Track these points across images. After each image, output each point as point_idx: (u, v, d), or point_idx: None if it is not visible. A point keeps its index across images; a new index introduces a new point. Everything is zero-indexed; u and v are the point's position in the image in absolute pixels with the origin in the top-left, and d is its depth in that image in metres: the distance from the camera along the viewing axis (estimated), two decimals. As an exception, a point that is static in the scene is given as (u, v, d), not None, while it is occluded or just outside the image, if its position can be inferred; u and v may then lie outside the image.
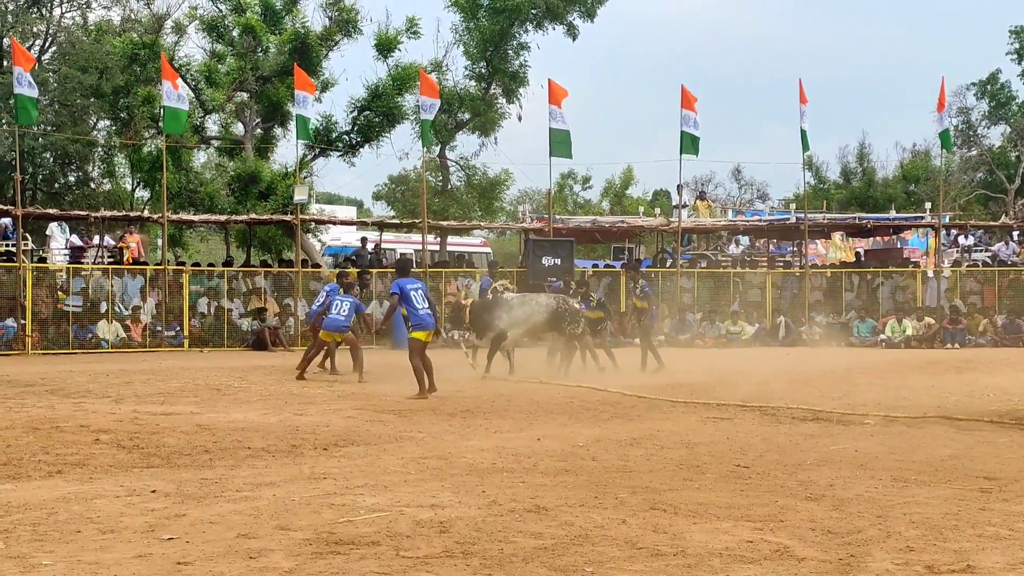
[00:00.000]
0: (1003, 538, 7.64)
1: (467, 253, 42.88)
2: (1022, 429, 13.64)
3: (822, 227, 42.57)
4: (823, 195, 62.53)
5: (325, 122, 40.67)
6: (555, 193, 50.84)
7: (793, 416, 15.05)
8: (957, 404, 16.33)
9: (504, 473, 10.26)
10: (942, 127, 37.45)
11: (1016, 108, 59.12)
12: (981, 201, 59.38)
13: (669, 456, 11.39)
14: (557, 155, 34.46)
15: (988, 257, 41.02)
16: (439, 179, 41.60)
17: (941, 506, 8.73)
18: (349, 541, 7.44)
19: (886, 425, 14.11)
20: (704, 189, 61.69)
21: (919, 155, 66.78)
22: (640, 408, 16.15)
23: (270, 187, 38.35)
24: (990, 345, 32.35)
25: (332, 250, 43.43)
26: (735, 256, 43.36)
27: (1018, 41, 57.24)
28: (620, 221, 42.10)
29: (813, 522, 8.13)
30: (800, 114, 35.23)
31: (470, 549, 7.26)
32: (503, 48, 40.52)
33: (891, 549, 7.34)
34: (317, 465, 10.68)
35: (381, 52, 40.86)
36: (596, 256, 50.90)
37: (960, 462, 11.05)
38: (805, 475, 10.23)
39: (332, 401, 16.88)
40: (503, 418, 14.78)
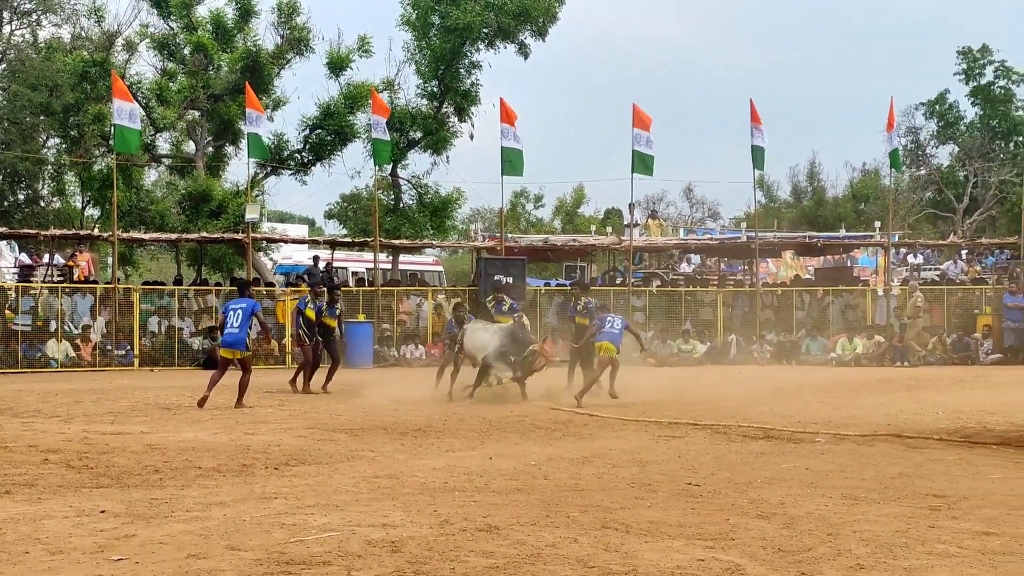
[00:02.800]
0: (952, 555, 7.69)
1: (419, 272, 42.85)
2: (971, 447, 13.73)
3: (773, 246, 42.85)
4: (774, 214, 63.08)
5: (277, 140, 40.52)
6: (507, 212, 50.95)
7: (744, 434, 15.09)
8: (907, 422, 16.43)
9: (456, 492, 10.24)
10: (891, 147, 37.83)
11: (964, 128, 59.71)
12: (930, 220, 59.89)
13: (621, 474, 11.40)
14: (509, 174, 34.55)
15: (937, 275, 41.39)
16: (391, 198, 41.52)
17: (891, 524, 8.77)
18: (300, 561, 7.39)
19: (836, 443, 14.17)
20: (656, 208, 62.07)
21: (869, 174, 67.40)
22: (592, 426, 16.16)
23: (221, 205, 38.18)
24: (939, 363, 32.59)
25: (284, 268, 43.28)
26: (687, 274, 43.56)
27: (966, 62, 57.85)
28: (572, 240, 42.25)
29: (764, 540, 8.16)
30: (751, 133, 35.46)
31: (421, 569, 7.24)
32: (455, 67, 40.52)
33: (841, 567, 7.37)
34: (268, 485, 10.61)
35: (333, 71, 40.79)
36: (548, 275, 50.99)
37: (910, 480, 11.11)
38: (756, 493, 10.26)
39: (284, 420, 16.80)
40: (455, 437, 14.75)
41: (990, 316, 34.25)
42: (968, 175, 58.94)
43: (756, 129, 35.58)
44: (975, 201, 58.20)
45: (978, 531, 8.49)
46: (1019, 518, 9.02)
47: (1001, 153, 58.22)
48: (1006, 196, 55.79)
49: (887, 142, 37.86)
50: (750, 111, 35.59)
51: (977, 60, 57.82)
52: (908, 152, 58.59)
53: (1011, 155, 56.27)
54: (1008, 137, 57.71)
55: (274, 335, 32.18)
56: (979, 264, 42.88)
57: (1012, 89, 57.41)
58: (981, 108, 58.46)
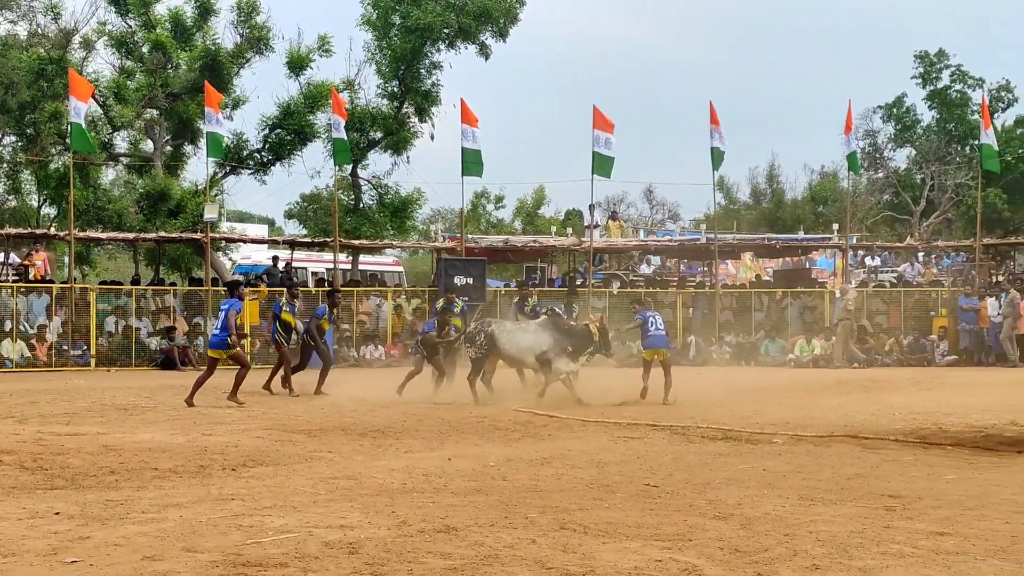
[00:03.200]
0: (907, 555, 7.74)
1: (379, 272, 42.76)
2: (926, 448, 13.83)
3: (732, 247, 42.98)
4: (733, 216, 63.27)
5: (236, 140, 40.32)
6: (468, 212, 50.90)
7: (703, 435, 15.14)
8: (863, 423, 16.53)
9: (414, 493, 10.23)
10: (849, 150, 38.01)
11: (921, 131, 60.09)
12: (887, 223, 60.24)
13: (579, 475, 11.41)
14: (469, 174, 34.52)
15: (894, 277, 41.64)
16: (351, 198, 41.38)
17: (847, 524, 8.82)
18: (257, 563, 7.37)
19: (794, 444, 14.24)
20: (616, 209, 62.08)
21: (827, 177, 67.71)
22: (551, 427, 16.18)
23: (180, 205, 37.95)
24: (896, 364, 32.78)
25: (243, 268, 43.06)
26: (646, 276, 43.64)
27: (923, 66, 58.21)
28: (532, 241, 42.23)
29: (721, 541, 8.19)
30: (711, 135, 35.58)
31: (379, 570, 7.23)
32: (415, 67, 40.42)
33: (798, 567, 7.41)
34: (225, 486, 10.57)
35: (293, 70, 40.59)
36: (508, 276, 50.96)
37: (866, 480, 11.18)
38: (714, 494, 10.30)
39: (241, 421, 16.74)
40: (414, 438, 14.74)
41: (946, 318, 34.47)
42: (925, 178, 59.31)
43: (716, 131, 35.69)
44: (932, 204, 58.58)
45: (932, 531, 8.55)
46: (973, 518, 9.09)
47: (957, 157, 58.61)
48: (962, 199, 56.19)
49: (845, 145, 38.05)
50: (710, 113, 35.70)
51: (934, 64, 58.19)
52: (866, 155, 58.92)
53: (967, 159, 56.64)
54: (964, 141, 58.08)
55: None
56: (936, 266, 43.19)
57: (968, 93, 57.83)
58: (938, 112, 58.85)
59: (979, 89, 56.47)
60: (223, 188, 41.90)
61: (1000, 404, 19.30)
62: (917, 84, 58.87)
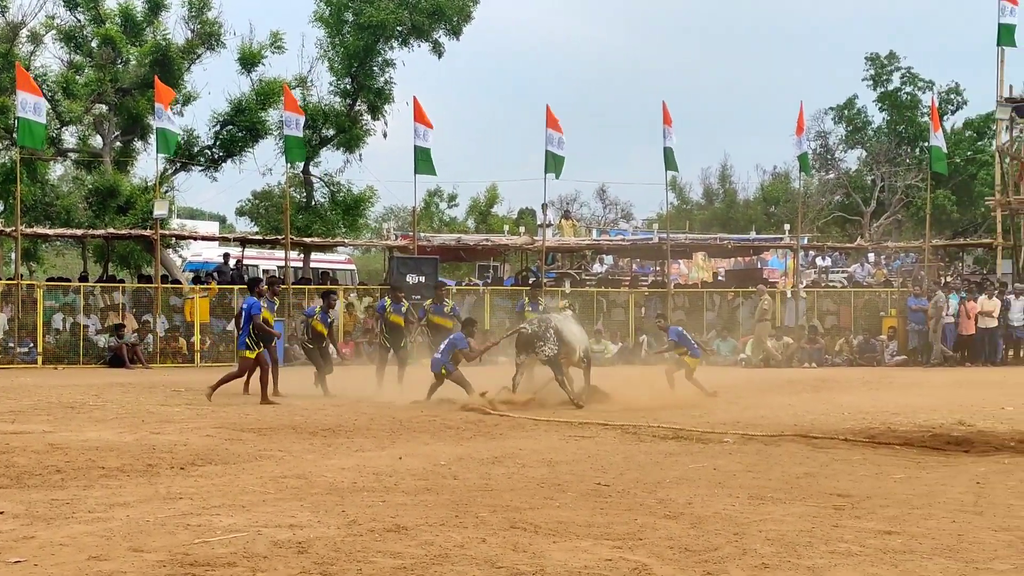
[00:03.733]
0: (855, 554, 7.78)
1: (331, 270, 42.63)
2: (875, 447, 13.90)
3: (684, 247, 43.15)
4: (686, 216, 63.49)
5: (187, 136, 40.08)
6: (420, 210, 50.83)
7: (654, 434, 15.16)
8: (813, 423, 16.60)
9: (364, 492, 10.19)
10: (801, 150, 38.24)
11: (872, 133, 60.59)
12: (838, 223, 60.68)
13: (530, 474, 11.40)
14: (422, 172, 34.49)
15: (844, 278, 41.93)
16: (303, 195, 41.26)
17: (796, 523, 8.85)
18: (205, 563, 7.31)
19: (744, 443, 14.29)
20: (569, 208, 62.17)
21: (779, 177, 68.19)
22: (503, 426, 16.16)
23: (129, 201, 37.70)
24: (845, 364, 32.99)
25: (193, 266, 42.88)
26: (599, 275, 43.73)
27: (874, 67, 58.70)
28: (485, 239, 42.27)
29: (671, 540, 8.19)
30: (664, 135, 35.67)
31: (328, 570, 7.19)
32: (368, 64, 40.33)
33: (747, 566, 7.42)
34: (173, 485, 10.49)
35: (244, 66, 40.42)
36: (461, 274, 50.96)
37: (815, 480, 11.23)
38: (664, 493, 10.31)
39: (190, 420, 16.61)
40: (364, 437, 14.68)
41: (895, 318, 34.74)
42: (875, 179, 59.81)
43: (668, 131, 35.79)
44: (882, 205, 59.07)
45: (880, 530, 8.59)
46: (920, 517, 9.14)
47: (907, 158, 59.13)
48: (912, 200, 56.71)
49: (797, 146, 38.26)
50: (662, 113, 35.80)
51: (884, 66, 58.71)
52: (817, 156, 59.39)
53: (917, 160, 57.15)
54: (914, 142, 58.64)
55: (182, 333, 31.90)
56: (886, 267, 43.51)
57: (918, 95, 58.34)
58: (888, 114, 59.36)
59: (929, 91, 57.01)
60: (173, 185, 41.76)
61: (947, 404, 19.45)
62: (868, 86, 59.47)
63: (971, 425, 15.87)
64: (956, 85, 58.53)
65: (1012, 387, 23.96)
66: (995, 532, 8.59)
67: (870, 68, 58.89)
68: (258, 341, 19.93)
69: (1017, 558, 7.72)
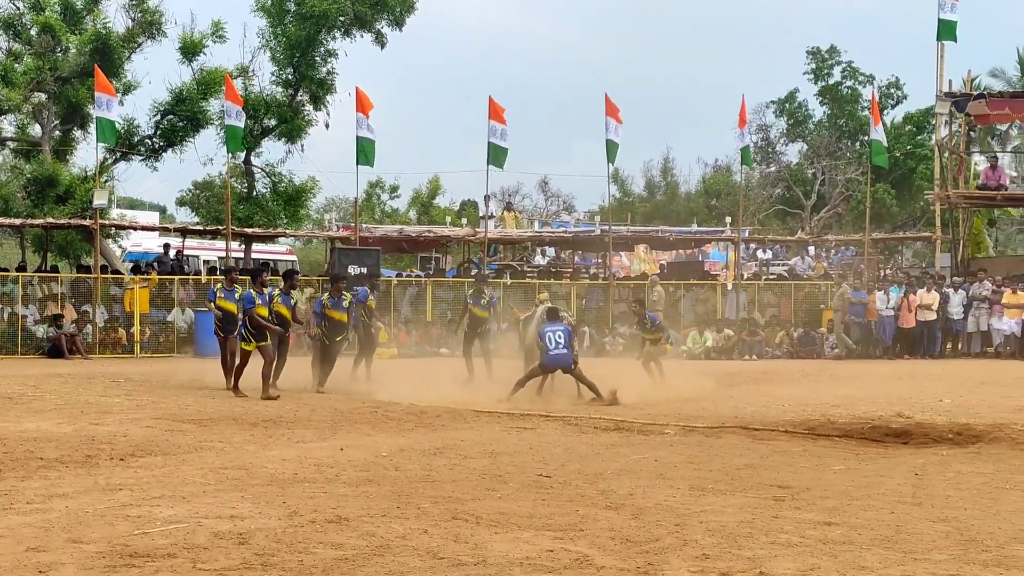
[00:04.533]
0: (794, 545, 7.84)
1: (272, 261, 42.39)
2: (815, 439, 14.02)
3: (626, 239, 43.27)
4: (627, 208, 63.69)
5: (127, 125, 39.70)
6: (362, 202, 50.68)
7: (595, 426, 15.22)
8: (754, 415, 16.71)
9: (306, 483, 10.16)
10: (743, 143, 38.43)
11: (813, 126, 60.99)
12: (779, 216, 61.08)
13: (472, 466, 11.41)
14: (364, 164, 34.35)
15: (785, 271, 42.21)
16: (244, 186, 41.00)
17: (736, 514, 8.91)
18: (144, 554, 7.27)
19: (685, 435, 14.36)
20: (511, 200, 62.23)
21: (720, 170, 68.51)
22: (444, 418, 16.16)
23: (69, 191, 37.28)
24: (786, 357, 33.20)
25: (133, 256, 42.52)
26: (541, 267, 43.76)
27: (815, 61, 59.10)
28: (427, 231, 42.20)
29: (613, 531, 8.23)
30: (606, 127, 35.70)
31: (269, 561, 7.17)
32: (310, 55, 40.10)
33: (688, 557, 7.47)
34: (113, 476, 10.41)
35: (185, 56, 40.07)
36: (402, 265, 50.85)
37: (755, 471, 11.31)
38: (606, 484, 10.35)
39: (130, 410, 16.48)
40: (306, 428, 14.64)
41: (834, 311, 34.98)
42: (816, 173, 60.23)
43: (611, 124, 35.83)
44: (822, 198, 59.51)
45: (820, 521, 8.67)
46: (859, 508, 9.23)
47: (848, 152, 59.60)
48: (852, 194, 57.15)
49: (740, 139, 38.47)
50: (605, 105, 35.83)
51: (826, 60, 59.13)
52: (758, 149, 59.73)
53: (857, 154, 57.61)
54: (854, 136, 59.12)
55: (122, 324, 31.62)
56: (826, 260, 43.85)
57: (859, 89, 58.79)
58: (829, 107, 59.79)
59: (869, 86, 57.47)
60: (113, 174, 41.30)
61: (886, 396, 19.63)
62: (809, 80, 59.84)
63: (910, 417, 16.03)
64: (896, 80, 59.07)
65: (950, 379, 24.21)
66: (933, 523, 8.68)
67: (811, 62, 59.31)
68: (256, 334, 19.29)
69: (954, 548, 7.82)
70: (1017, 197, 39.77)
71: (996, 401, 19.03)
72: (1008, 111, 39.33)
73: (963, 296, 33.00)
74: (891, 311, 33.09)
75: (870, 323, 33.52)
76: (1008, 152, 54.20)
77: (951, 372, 26.60)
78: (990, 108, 38.25)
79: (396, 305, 34.57)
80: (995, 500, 9.77)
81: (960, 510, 9.26)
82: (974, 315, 32.93)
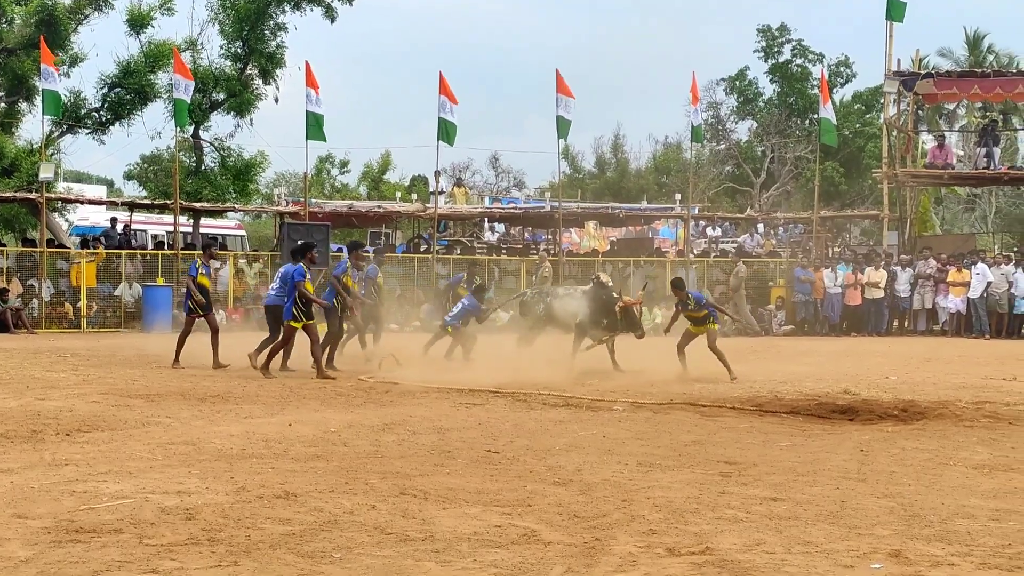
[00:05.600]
0: (741, 520, 7.89)
1: (221, 236, 42.17)
2: (762, 415, 14.11)
3: (576, 216, 43.33)
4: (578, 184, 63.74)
5: (74, 98, 39.32)
6: (312, 177, 50.47)
7: (544, 402, 15.23)
8: (702, 391, 16.77)
9: (253, 459, 10.13)
10: (696, 121, 38.55)
11: (763, 104, 61.18)
12: (729, 194, 61.31)
13: (420, 442, 11.41)
14: (314, 138, 34.21)
15: (734, 248, 42.40)
16: (193, 160, 40.75)
17: (683, 490, 8.96)
18: (90, 529, 7.23)
19: (634, 411, 14.40)
20: (461, 176, 62.10)
21: (671, 148, 68.63)
22: (393, 394, 16.14)
23: (14, 164, 36.92)
24: (734, 334, 33.33)
25: (80, 230, 42.14)
26: (491, 243, 43.76)
27: (765, 39, 59.23)
28: (377, 206, 42.12)
29: (560, 506, 8.25)
30: (557, 103, 35.65)
31: (216, 536, 7.15)
32: (260, 28, 39.86)
33: (635, 532, 7.50)
34: (59, 451, 10.34)
35: (133, 28, 39.72)
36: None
37: (703, 447, 11.37)
38: (554, 460, 10.37)
39: (77, 385, 16.37)
40: (254, 403, 14.58)
41: (783, 288, 35.21)
42: (765, 151, 60.47)
43: (562, 100, 35.79)
44: (772, 176, 59.76)
45: (766, 497, 8.73)
46: (805, 484, 9.30)
47: (797, 130, 59.86)
48: (801, 172, 57.45)
49: (693, 116, 38.58)
50: (556, 82, 35.79)
51: (776, 38, 59.27)
52: (708, 127, 59.81)
53: (806, 132, 57.87)
54: (804, 114, 59.33)
55: (68, 298, 31.36)
56: (774, 237, 44.08)
57: (809, 68, 59.00)
58: (779, 85, 59.97)
59: (819, 64, 57.68)
60: (60, 147, 40.94)
61: (833, 373, 19.78)
62: (760, 57, 59.97)
63: (856, 394, 16.16)
64: (846, 58, 59.29)
65: (896, 357, 24.44)
66: (878, 499, 8.76)
67: (762, 40, 59.43)
68: (306, 311, 18.30)
69: (898, 524, 7.89)
70: (963, 176, 40.12)
71: (941, 378, 19.23)
72: (955, 90, 39.69)
73: (910, 274, 33.30)
74: (838, 289, 33.34)
75: (817, 301, 33.75)
76: (955, 131, 54.53)
77: (897, 349, 26.84)
78: (938, 87, 38.57)
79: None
80: (939, 476, 9.87)
81: (904, 486, 9.35)
82: (920, 293, 33.26)
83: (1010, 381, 18.72)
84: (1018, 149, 57.49)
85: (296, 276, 18.10)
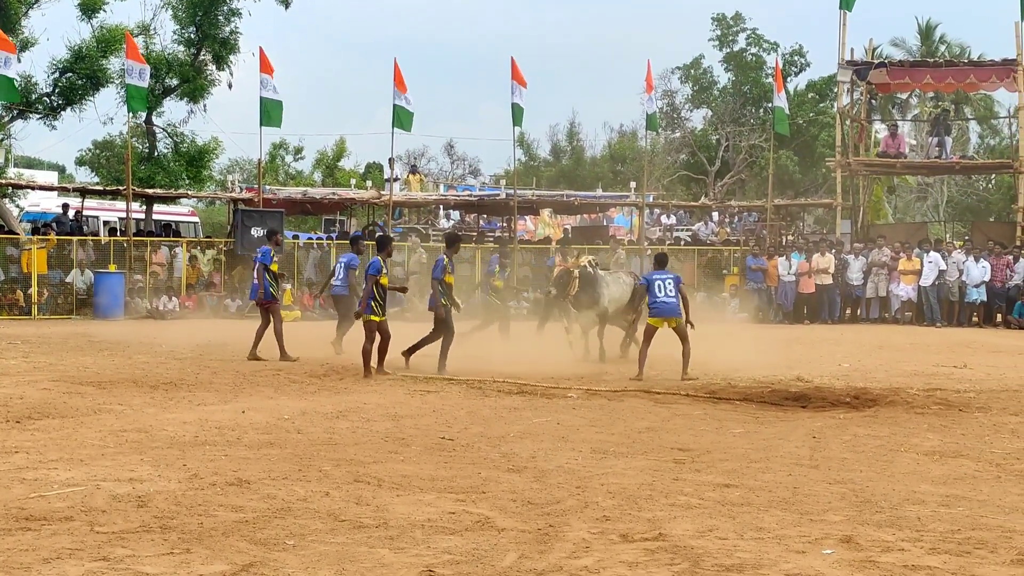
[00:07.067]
0: (694, 507, 7.93)
1: (174, 222, 41.91)
2: (716, 403, 14.18)
3: (531, 203, 43.30)
4: (533, 172, 63.70)
5: (25, 83, 38.93)
6: (266, 163, 50.22)
7: (499, 389, 15.24)
8: (655, 378, 16.85)
9: (206, 446, 10.09)
10: (650, 109, 38.61)
11: (717, 93, 61.35)
12: (683, 182, 61.47)
13: (375, 429, 11.40)
14: (268, 125, 34.04)
15: (689, 236, 42.53)
16: (145, 146, 40.45)
17: (637, 477, 9.00)
18: (41, 517, 7.19)
19: (588, 399, 14.44)
20: (416, 163, 61.95)
21: (626, 136, 68.73)
22: (347, 380, 16.11)
23: (-36, 149, 36.60)
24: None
25: (31, 216, 41.79)
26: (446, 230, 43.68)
27: (720, 28, 59.37)
28: (332, 193, 41.91)
29: (514, 493, 8.27)
30: (512, 91, 35.61)
31: (168, 523, 7.12)
32: (213, 13, 39.57)
33: (588, 519, 7.53)
34: (8, 439, 10.26)
35: (85, 12, 39.33)
36: (307, 228, 50.52)
37: (657, 434, 11.41)
38: (508, 447, 10.39)
39: (27, 372, 16.25)
40: (207, 391, 14.52)
41: (737, 276, 35.33)
42: (720, 139, 60.65)
43: (516, 87, 35.75)
44: (726, 164, 59.95)
45: (719, 483, 8.78)
46: (758, 471, 9.36)
47: (751, 118, 60.06)
48: (755, 160, 57.65)
49: (648, 104, 38.66)
50: (511, 69, 35.74)
51: (731, 27, 59.41)
52: (664, 115, 59.93)
53: (761, 120, 58.09)
54: (758, 103, 59.53)
55: (19, 285, 31.09)
56: (728, 226, 44.22)
57: (763, 56, 59.22)
58: (734, 74, 60.14)
59: (773, 53, 57.87)
60: (10, 132, 40.51)
61: (786, 360, 19.88)
62: (714, 46, 60.09)
63: (809, 381, 16.28)
64: (800, 47, 59.46)
65: (849, 344, 24.60)
66: (829, 485, 8.83)
67: (716, 29, 59.57)
68: (383, 306, 17.49)
69: (849, 510, 7.95)
70: (916, 165, 40.39)
71: (892, 366, 19.38)
72: (908, 80, 40.01)
73: (863, 262, 33.48)
74: (792, 277, 33.49)
75: (770, 288, 33.90)
76: (908, 120, 54.89)
77: (850, 337, 27.00)
78: (890, 77, 38.83)
79: (300, 268, 34.39)
80: (890, 462, 9.94)
81: (856, 472, 9.42)
82: (873, 281, 33.42)
83: (961, 369, 18.89)
84: (969, 139, 57.93)
85: (370, 271, 17.31)
